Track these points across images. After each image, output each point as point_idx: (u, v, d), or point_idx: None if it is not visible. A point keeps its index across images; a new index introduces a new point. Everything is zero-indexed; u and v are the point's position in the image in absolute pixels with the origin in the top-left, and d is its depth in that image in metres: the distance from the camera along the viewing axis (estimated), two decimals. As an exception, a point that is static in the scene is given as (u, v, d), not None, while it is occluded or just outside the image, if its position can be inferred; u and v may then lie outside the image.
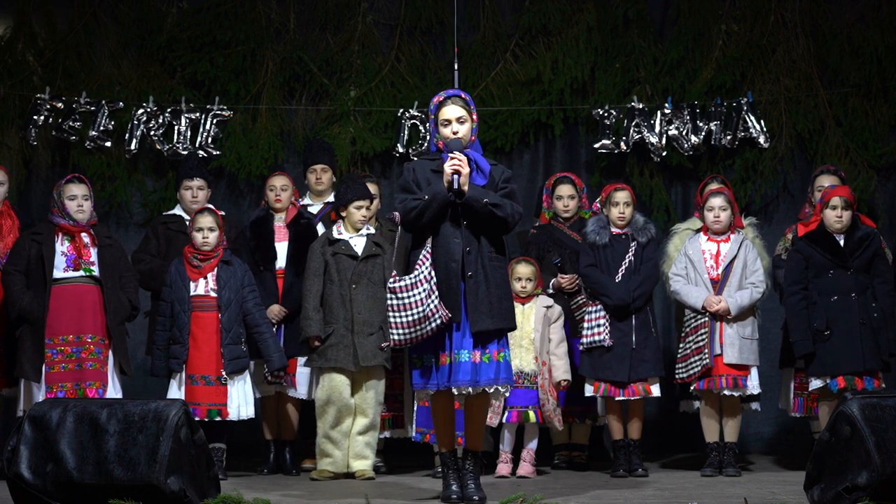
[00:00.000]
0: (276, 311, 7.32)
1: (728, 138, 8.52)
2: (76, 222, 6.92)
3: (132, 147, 8.51)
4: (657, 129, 8.53)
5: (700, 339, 7.05)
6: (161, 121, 8.51)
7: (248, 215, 8.02)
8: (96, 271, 6.88)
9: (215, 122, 8.57)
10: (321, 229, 7.42)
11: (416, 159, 6.41)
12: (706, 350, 6.99)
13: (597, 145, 8.56)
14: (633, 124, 8.52)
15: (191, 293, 6.99)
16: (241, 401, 6.97)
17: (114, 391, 6.84)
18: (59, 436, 5.20)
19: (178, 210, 7.58)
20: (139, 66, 8.69)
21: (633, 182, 8.50)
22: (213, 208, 7.22)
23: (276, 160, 8.60)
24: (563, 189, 7.70)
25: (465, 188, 5.64)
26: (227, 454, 7.13)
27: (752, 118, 8.49)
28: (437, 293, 5.57)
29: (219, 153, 8.55)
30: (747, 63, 8.65)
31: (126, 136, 8.49)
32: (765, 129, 8.50)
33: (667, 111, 8.54)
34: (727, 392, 7.01)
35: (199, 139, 8.53)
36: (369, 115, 8.67)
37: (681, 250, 7.24)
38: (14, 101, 8.44)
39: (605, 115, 8.54)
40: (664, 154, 8.56)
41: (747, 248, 7.16)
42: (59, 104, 8.40)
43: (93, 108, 8.43)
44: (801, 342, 6.89)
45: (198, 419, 6.17)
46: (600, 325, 7.09)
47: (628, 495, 6.07)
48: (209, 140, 8.55)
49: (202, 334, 6.95)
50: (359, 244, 7.04)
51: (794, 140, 8.60)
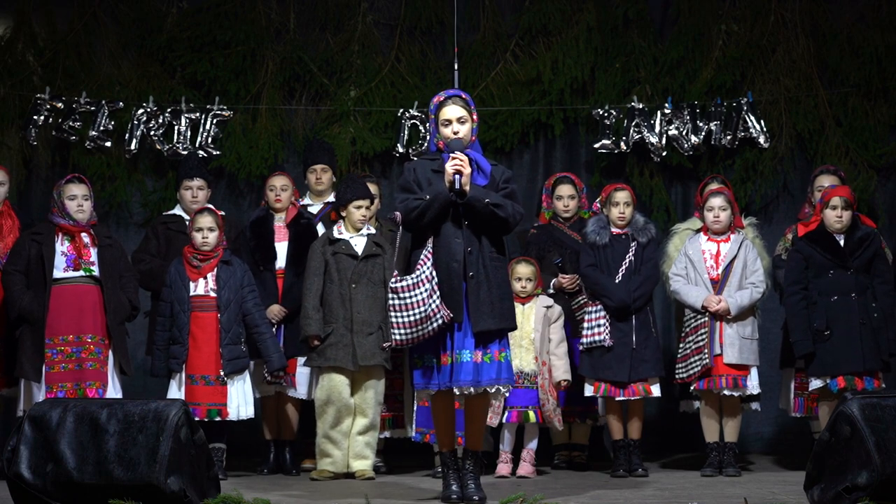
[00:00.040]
0: (275, 311, 7.32)
1: (728, 138, 8.52)
2: (76, 222, 6.91)
3: (132, 147, 8.51)
4: (657, 129, 8.53)
5: (700, 339, 7.05)
6: (161, 121, 8.51)
7: (248, 215, 8.02)
8: (96, 271, 6.87)
9: (215, 122, 8.56)
10: (321, 229, 7.42)
11: (416, 159, 6.41)
12: (706, 350, 6.99)
13: (597, 145, 8.56)
14: (633, 124, 8.52)
15: (190, 293, 6.98)
16: (240, 401, 6.97)
17: (114, 391, 6.84)
18: (59, 436, 5.20)
19: (178, 210, 7.58)
20: (139, 66, 8.69)
21: (633, 182, 8.50)
22: (212, 208, 7.22)
23: (276, 160, 8.60)
24: (563, 189, 7.69)
25: (467, 188, 5.64)
26: (227, 454, 7.13)
27: (752, 118, 8.49)
28: (438, 293, 5.57)
29: (219, 153, 8.55)
30: (747, 63, 8.65)
31: (126, 136, 8.49)
32: (765, 129, 8.50)
33: (667, 111, 8.54)
34: (727, 392, 7.01)
35: (199, 139, 8.53)
36: (369, 115, 8.67)
37: (681, 250, 7.24)
38: (14, 101, 8.44)
39: (605, 115, 8.54)
40: (664, 154, 8.56)
41: (747, 248, 7.15)
42: (59, 104, 8.39)
43: (93, 108, 8.43)
44: (801, 342, 6.89)
45: (198, 419, 6.17)
46: (600, 325, 7.09)
47: (628, 495, 6.06)
48: (209, 140, 8.54)
49: (202, 334, 6.95)
50: (359, 244, 7.04)
51: (794, 140, 8.59)
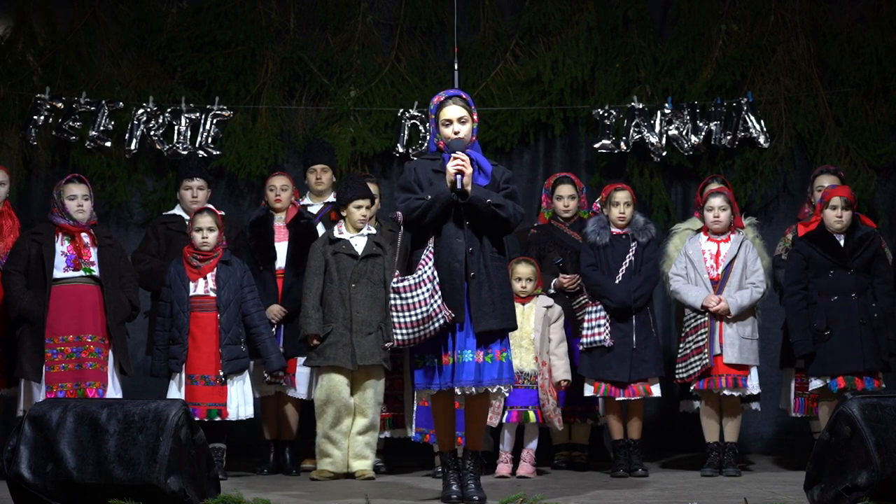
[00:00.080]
0: (275, 311, 7.32)
1: (728, 138, 8.52)
2: (76, 222, 6.91)
3: (132, 147, 8.51)
4: (657, 129, 8.53)
5: (700, 338, 7.05)
6: (161, 121, 8.51)
7: (248, 215, 8.02)
8: (96, 271, 6.87)
9: (215, 122, 8.57)
10: (321, 229, 7.42)
11: (416, 159, 6.41)
12: (706, 350, 6.99)
13: (597, 145, 8.56)
14: (633, 124, 8.52)
15: (190, 293, 6.98)
16: (240, 401, 6.97)
17: (114, 391, 6.84)
18: (59, 436, 5.19)
19: (178, 210, 7.58)
20: (139, 66, 8.69)
21: (633, 182, 8.50)
22: (212, 208, 7.22)
23: (276, 160, 8.60)
24: (563, 189, 7.69)
25: (468, 188, 5.64)
26: (227, 454, 7.13)
27: (752, 118, 8.49)
28: (440, 293, 5.57)
29: (219, 153, 8.55)
30: (747, 63, 8.65)
31: (126, 136, 8.49)
32: (765, 129, 8.50)
33: (667, 111, 8.54)
34: (727, 392, 7.01)
35: (199, 139, 8.53)
36: (369, 115, 8.67)
37: (681, 250, 7.23)
38: (14, 101, 8.44)
39: (605, 115, 8.54)
40: (664, 154, 8.56)
41: (747, 248, 7.15)
42: (59, 104, 8.39)
43: (93, 108, 8.43)
44: (801, 342, 6.89)
45: (197, 419, 6.17)
46: (601, 325, 7.09)
47: (628, 495, 6.06)
48: (209, 140, 8.54)
49: (201, 334, 6.94)
50: (359, 244, 7.04)
51: (794, 140, 8.59)
